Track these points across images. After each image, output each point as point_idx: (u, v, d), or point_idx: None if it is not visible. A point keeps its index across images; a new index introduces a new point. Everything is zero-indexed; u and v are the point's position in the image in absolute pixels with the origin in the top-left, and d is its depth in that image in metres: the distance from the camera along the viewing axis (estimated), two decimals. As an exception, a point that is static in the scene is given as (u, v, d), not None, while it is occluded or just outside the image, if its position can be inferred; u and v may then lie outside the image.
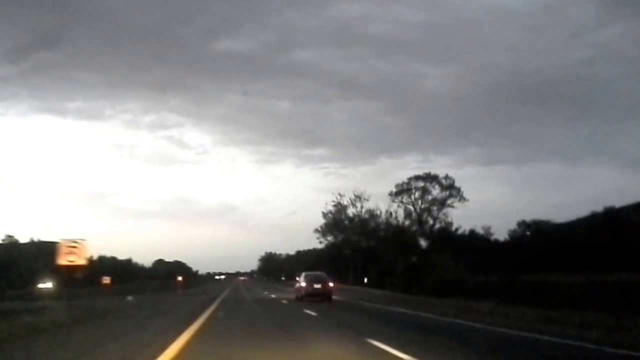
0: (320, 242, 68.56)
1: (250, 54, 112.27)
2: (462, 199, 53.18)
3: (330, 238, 66.83)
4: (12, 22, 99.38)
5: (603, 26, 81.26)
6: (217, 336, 10.75)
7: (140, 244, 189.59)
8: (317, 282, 27.27)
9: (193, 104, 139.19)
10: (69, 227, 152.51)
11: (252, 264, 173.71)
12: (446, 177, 54.33)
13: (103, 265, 63.21)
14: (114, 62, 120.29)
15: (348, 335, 11.02)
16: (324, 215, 63.67)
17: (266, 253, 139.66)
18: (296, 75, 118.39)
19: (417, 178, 54.87)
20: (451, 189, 53.51)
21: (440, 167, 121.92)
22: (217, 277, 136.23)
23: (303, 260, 74.84)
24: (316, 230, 67.13)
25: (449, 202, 53.90)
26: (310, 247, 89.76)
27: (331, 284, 27.62)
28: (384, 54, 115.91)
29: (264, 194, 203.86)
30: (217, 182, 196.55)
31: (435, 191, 54.34)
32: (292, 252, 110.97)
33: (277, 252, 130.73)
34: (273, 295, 35.81)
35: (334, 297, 27.48)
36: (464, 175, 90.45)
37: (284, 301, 27.63)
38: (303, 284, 27.36)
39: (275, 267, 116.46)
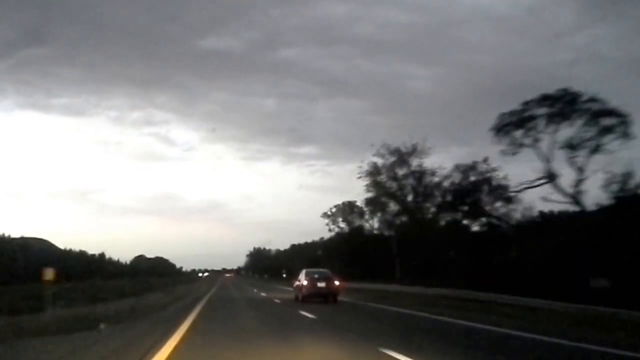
0: (330, 230, 60.33)
1: (236, 52, 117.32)
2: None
3: (343, 224, 58.51)
4: None
5: (584, 28, 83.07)
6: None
7: (125, 240, 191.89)
8: (321, 281, 24.22)
9: (179, 101, 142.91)
10: (52, 223, 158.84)
11: (238, 261, 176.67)
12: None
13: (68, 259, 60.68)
14: (100, 59, 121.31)
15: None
16: (365, 173, 39.64)
17: (254, 248, 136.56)
18: (282, 73, 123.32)
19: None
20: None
21: (425, 164, 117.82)
22: (200, 274, 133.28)
23: (303, 255, 69.77)
24: (326, 215, 59.42)
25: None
26: (302, 242, 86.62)
27: (337, 283, 24.51)
28: (369, 53, 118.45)
29: (250, 191, 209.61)
30: (203, 179, 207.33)
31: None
32: (282, 248, 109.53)
33: (267, 248, 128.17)
34: (263, 294, 32.55)
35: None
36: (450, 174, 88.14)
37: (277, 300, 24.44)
38: (304, 283, 24.30)
39: (265, 264, 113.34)
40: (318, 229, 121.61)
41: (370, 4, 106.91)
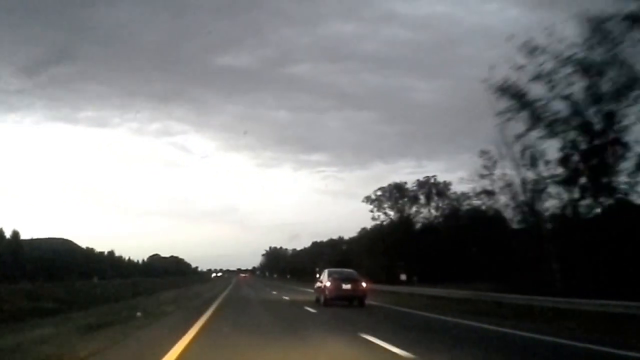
0: (375, 219, 51.86)
1: (249, 68, 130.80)
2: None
3: (391, 212, 50.36)
4: (29, 39, 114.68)
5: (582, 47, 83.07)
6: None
7: (145, 242, 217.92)
8: (347, 282, 22.06)
9: (196, 114, 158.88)
10: (78, 227, 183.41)
11: (252, 262, 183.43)
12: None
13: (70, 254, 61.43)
14: (122, 75, 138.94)
15: None
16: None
17: (270, 248, 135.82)
18: (293, 87, 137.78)
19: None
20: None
21: (433, 171, 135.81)
22: (213, 274, 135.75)
23: (326, 253, 66.82)
24: (369, 200, 51.18)
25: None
26: (324, 239, 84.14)
27: (364, 284, 22.32)
28: (376, 68, 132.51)
29: (263, 196, 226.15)
30: (219, 184, 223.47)
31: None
32: (296, 248, 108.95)
33: (283, 247, 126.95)
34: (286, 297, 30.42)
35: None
36: (456, 179, 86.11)
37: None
38: (327, 284, 22.16)
39: (282, 264, 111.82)
40: (334, 228, 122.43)
41: (376, 23, 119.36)
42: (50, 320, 15.85)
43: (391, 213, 51.13)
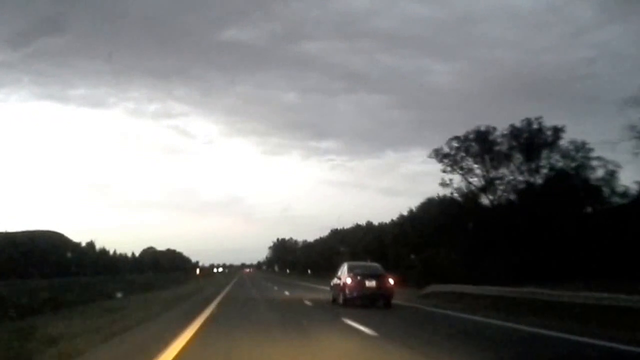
0: (445, 184, 36.63)
1: (256, 44, 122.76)
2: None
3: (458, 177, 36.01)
4: (15, 7, 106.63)
5: (604, 26, 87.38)
6: None
7: (142, 234, 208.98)
8: (370, 278, 18.90)
9: (199, 94, 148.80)
10: (68, 215, 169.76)
11: (258, 256, 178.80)
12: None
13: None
14: (118, 50, 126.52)
15: None
16: None
17: (278, 240, 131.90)
18: (303, 67, 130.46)
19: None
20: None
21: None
22: (215, 269, 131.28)
23: (348, 242, 59.56)
24: (438, 155, 35.95)
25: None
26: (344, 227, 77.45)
27: (391, 281, 19.14)
28: (390, 48, 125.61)
29: (270, 186, 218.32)
30: (223, 173, 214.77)
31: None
32: (304, 241, 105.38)
33: (293, 238, 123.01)
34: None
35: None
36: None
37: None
38: (348, 281, 19.04)
39: (291, 257, 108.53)
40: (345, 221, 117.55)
41: None
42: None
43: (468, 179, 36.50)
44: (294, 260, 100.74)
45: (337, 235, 73.45)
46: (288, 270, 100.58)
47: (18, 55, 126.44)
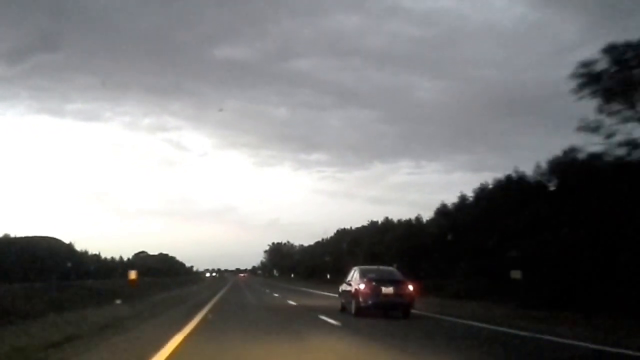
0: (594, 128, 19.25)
1: (249, 61, 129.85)
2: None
3: None
4: (13, 24, 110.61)
5: (587, 44, 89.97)
6: None
7: (139, 241, 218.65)
8: (388, 284, 17.16)
9: (192, 108, 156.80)
10: (64, 226, 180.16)
11: (251, 262, 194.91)
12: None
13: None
14: (113, 65, 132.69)
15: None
16: None
17: (274, 244, 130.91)
18: (294, 83, 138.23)
19: None
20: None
21: (431, 172, 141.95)
22: (207, 274, 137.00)
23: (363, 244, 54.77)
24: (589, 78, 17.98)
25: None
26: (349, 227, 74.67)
27: (411, 288, 17.36)
28: (379, 65, 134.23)
29: (262, 195, 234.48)
30: (217, 183, 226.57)
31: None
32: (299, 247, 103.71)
33: (290, 242, 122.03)
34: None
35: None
36: (453, 181, 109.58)
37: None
38: (361, 287, 17.27)
39: (287, 261, 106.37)
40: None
41: (381, 17, 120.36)
42: None
43: None
44: (293, 264, 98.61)
45: (345, 236, 69.53)
46: (292, 275, 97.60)
47: (16, 70, 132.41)
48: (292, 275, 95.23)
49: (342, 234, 74.03)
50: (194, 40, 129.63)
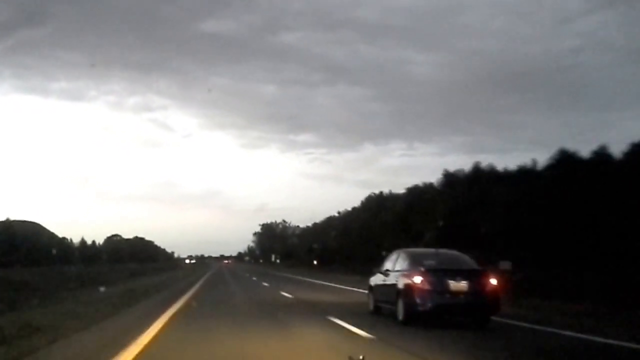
0: None
1: (236, 36, 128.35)
2: None
3: None
4: None
5: (590, 14, 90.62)
6: None
7: (120, 225, 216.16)
8: (458, 277, 11.50)
9: (178, 86, 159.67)
10: (48, 208, 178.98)
11: (238, 248, 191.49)
12: None
13: None
14: (99, 42, 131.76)
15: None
16: None
17: (264, 225, 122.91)
18: (282, 58, 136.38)
19: None
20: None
21: (425, 155, 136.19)
22: (187, 261, 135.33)
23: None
24: None
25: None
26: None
27: (494, 281, 11.63)
28: (371, 38, 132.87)
29: (249, 179, 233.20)
30: (202, 165, 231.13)
31: None
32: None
33: (286, 221, 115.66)
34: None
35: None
36: (447, 164, 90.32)
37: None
38: (416, 280, 11.58)
39: (278, 245, 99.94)
40: (324, 213, 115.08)
41: None
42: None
43: None
44: (288, 248, 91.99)
45: (376, 202, 56.10)
46: (277, 260, 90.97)
47: None
48: (290, 262, 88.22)
49: (373, 199, 60.71)
50: (180, 14, 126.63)
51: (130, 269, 51.86)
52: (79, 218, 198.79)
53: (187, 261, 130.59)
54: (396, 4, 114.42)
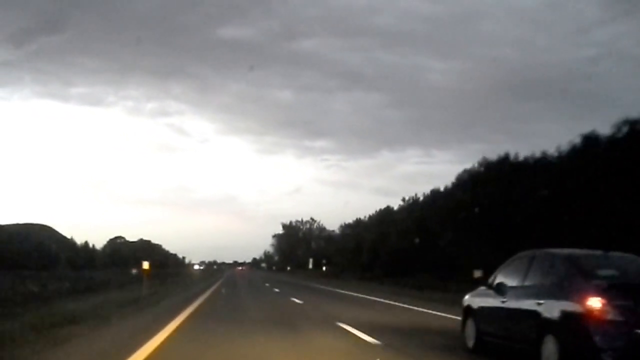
0: None
1: (253, 42, 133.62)
2: None
3: None
4: (17, 5, 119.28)
5: (607, 24, 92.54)
6: None
7: (135, 230, 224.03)
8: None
9: (195, 92, 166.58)
10: (63, 211, 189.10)
11: (253, 254, 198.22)
12: None
13: None
14: (117, 48, 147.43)
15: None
16: None
17: (286, 225, 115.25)
18: (299, 64, 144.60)
19: None
20: None
21: (441, 162, 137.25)
22: (195, 267, 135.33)
23: None
24: None
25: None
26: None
27: None
28: (388, 45, 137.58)
29: (264, 185, 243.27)
30: (217, 171, 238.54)
31: None
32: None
33: (314, 219, 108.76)
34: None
35: None
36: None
37: None
38: (594, 304, 6.79)
39: (305, 250, 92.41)
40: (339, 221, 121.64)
41: None
42: None
43: None
44: (317, 252, 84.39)
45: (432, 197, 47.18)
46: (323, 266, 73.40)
47: (20, 53, 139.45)
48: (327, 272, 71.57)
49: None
50: (198, 21, 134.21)
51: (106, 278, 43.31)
52: (95, 222, 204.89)
53: (196, 267, 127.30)
54: (413, 11, 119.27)
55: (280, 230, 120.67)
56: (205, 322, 13.47)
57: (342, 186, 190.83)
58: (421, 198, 51.67)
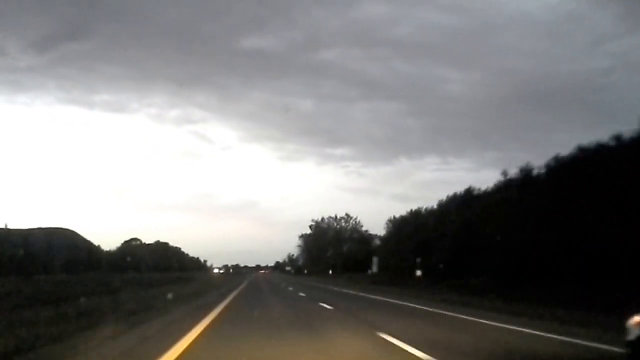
0: None
1: (275, 52, 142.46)
2: None
3: None
4: (41, 12, 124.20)
5: (623, 36, 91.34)
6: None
7: (159, 236, 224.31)
8: None
9: (218, 100, 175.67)
10: (89, 217, 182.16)
11: (275, 258, 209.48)
12: None
13: None
14: (141, 56, 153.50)
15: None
16: None
17: (315, 223, 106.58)
18: (320, 74, 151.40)
19: None
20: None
21: (458, 169, 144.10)
22: (215, 270, 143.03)
23: None
24: None
25: None
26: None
27: None
28: (407, 55, 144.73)
29: (285, 191, 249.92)
30: (239, 177, 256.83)
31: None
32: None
33: (350, 215, 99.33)
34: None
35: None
36: (480, 179, 70.00)
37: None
38: None
39: (328, 253, 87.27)
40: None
41: (411, 5, 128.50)
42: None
43: None
44: (346, 255, 77.77)
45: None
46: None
47: (44, 60, 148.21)
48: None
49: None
50: (221, 30, 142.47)
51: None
52: (116, 226, 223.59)
53: (216, 271, 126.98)
54: (432, 22, 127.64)
55: (306, 231, 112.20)
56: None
57: (362, 192, 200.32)
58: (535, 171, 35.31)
